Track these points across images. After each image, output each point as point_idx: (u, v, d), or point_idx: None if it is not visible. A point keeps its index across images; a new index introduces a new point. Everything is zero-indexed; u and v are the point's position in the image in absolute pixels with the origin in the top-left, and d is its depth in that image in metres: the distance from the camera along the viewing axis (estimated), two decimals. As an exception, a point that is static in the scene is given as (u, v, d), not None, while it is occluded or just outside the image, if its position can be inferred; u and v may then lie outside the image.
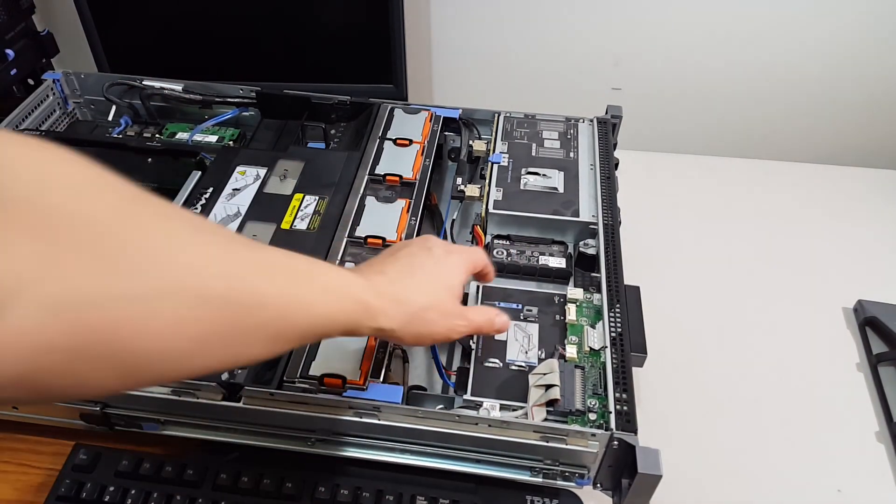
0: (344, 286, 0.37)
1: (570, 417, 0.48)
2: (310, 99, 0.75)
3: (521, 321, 0.55)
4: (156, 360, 0.27)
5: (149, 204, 0.29)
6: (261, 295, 0.31)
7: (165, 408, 0.51)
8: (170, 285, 0.27)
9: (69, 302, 0.24)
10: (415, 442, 0.49)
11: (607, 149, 0.70)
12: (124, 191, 0.28)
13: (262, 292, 0.31)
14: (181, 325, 0.27)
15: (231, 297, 0.30)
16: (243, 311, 0.30)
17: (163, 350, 0.27)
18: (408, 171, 0.67)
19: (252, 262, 0.32)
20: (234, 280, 0.30)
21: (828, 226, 0.83)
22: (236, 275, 0.30)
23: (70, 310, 0.24)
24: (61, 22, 0.96)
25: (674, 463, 0.46)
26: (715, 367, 0.67)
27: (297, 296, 0.34)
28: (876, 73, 0.98)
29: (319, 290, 0.35)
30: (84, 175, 0.27)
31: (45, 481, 0.54)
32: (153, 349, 0.27)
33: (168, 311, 0.27)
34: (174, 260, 0.28)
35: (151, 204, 0.29)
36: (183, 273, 0.28)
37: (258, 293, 0.31)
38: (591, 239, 0.61)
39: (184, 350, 0.28)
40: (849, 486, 0.58)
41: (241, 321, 0.30)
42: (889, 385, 0.65)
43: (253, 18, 0.86)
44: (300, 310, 0.34)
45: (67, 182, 0.26)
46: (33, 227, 0.23)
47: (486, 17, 0.98)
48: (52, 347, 0.24)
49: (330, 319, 0.36)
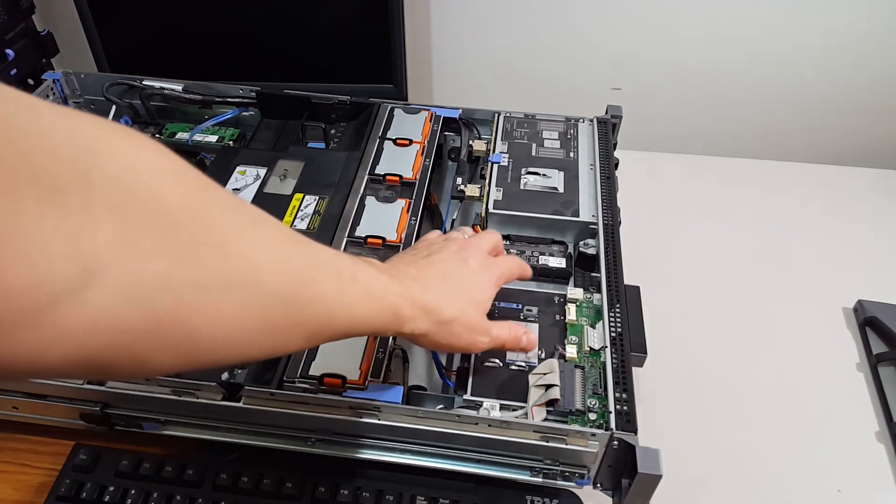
0: (384, 293, 0.39)
1: (570, 417, 0.48)
2: (310, 99, 0.75)
3: (521, 321, 0.55)
4: (216, 346, 0.29)
5: (221, 196, 0.30)
6: (314, 294, 0.33)
7: (165, 408, 0.51)
8: (237, 277, 0.28)
9: (146, 287, 0.24)
10: (415, 442, 0.49)
11: (607, 149, 0.70)
12: (200, 181, 0.29)
13: (315, 291, 0.33)
14: (242, 315, 0.29)
15: (288, 293, 0.31)
16: (296, 307, 0.32)
17: (222, 338, 0.29)
18: (408, 171, 0.67)
19: (308, 260, 0.33)
20: (293, 277, 0.32)
21: (828, 226, 0.83)
22: (295, 272, 0.32)
23: (146, 294, 0.24)
24: (61, 22, 0.96)
25: (674, 463, 0.46)
26: (715, 366, 0.67)
27: (343, 298, 0.35)
28: (876, 73, 0.98)
29: (363, 294, 0.37)
30: (166, 162, 0.27)
31: (45, 481, 0.54)
32: (215, 336, 0.28)
33: (233, 301, 0.28)
34: (243, 253, 0.29)
35: (223, 196, 0.30)
36: (249, 266, 0.29)
37: (311, 292, 0.33)
38: (591, 239, 0.61)
39: (239, 339, 0.30)
40: (849, 487, 0.58)
41: (292, 316, 0.32)
42: (889, 385, 0.65)
43: (253, 18, 0.86)
44: (343, 311, 0.35)
45: (151, 168, 0.26)
46: (117, 209, 0.23)
47: (486, 17, 0.98)
48: (125, 329, 0.24)
49: (365, 322, 0.37)
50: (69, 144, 0.23)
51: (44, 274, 0.21)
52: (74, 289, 0.22)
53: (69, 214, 0.21)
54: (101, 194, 0.23)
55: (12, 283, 0.20)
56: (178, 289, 0.26)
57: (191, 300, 0.26)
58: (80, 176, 0.22)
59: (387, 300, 0.39)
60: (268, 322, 0.31)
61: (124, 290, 0.23)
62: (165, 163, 0.27)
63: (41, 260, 0.20)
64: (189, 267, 0.26)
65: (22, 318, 0.21)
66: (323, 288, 0.34)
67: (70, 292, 0.22)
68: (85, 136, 0.24)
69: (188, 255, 0.26)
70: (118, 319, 0.24)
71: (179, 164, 0.28)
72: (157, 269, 0.25)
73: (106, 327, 0.23)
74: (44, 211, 0.21)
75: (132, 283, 0.24)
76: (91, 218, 0.22)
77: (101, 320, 0.23)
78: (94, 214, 0.22)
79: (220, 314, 0.28)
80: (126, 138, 0.26)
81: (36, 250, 0.20)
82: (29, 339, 0.21)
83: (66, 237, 0.21)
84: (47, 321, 0.21)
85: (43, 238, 0.20)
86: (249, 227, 0.30)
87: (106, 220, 0.23)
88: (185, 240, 0.26)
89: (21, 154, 0.20)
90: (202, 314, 0.27)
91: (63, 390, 0.51)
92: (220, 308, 0.28)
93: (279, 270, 0.31)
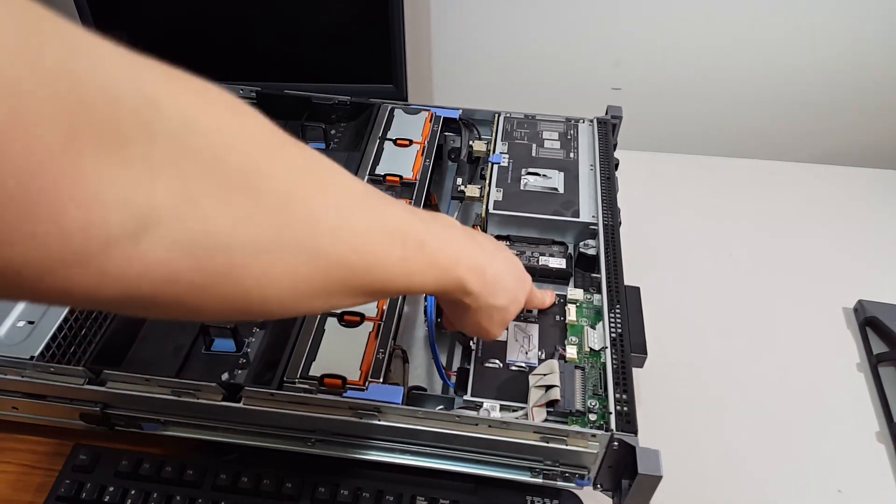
0: (452, 262, 0.38)
1: (571, 418, 0.48)
2: (310, 99, 0.75)
3: (521, 322, 0.55)
4: (268, 304, 0.29)
5: (293, 156, 0.29)
6: (374, 261, 0.33)
7: (165, 408, 0.51)
8: (295, 242, 0.28)
9: (200, 244, 0.25)
10: (415, 442, 0.49)
11: (607, 149, 0.70)
12: (274, 140, 0.28)
13: (376, 259, 0.33)
14: (297, 279, 0.29)
15: (348, 260, 0.31)
16: (354, 273, 0.32)
17: (275, 297, 0.29)
18: (408, 172, 0.67)
19: (373, 225, 0.33)
20: (354, 244, 0.31)
21: (828, 226, 0.83)
22: (357, 239, 0.31)
23: (199, 251, 0.25)
24: (61, 22, 0.96)
25: (674, 463, 0.46)
26: (715, 367, 0.67)
27: (405, 266, 0.35)
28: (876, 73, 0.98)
29: (427, 263, 0.36)
30: (234, 120, 0.27)
31: (44, 481, 0.54)
32: (267, 297, 0.28)
33: (288, 265, 0.28)
34: (304, 218, 0.29)
35: (295, 156, 0.29)
36: (309, 231, 0.29)
37: (372, 259, 0.32)
38: (591, 239, 0.61)
39: (292, 299, 0.30)
40: (849, 487, 0.58)
41: (349, 282, 0.32)
42: (889, 385, 0.65)
43: (253, 18, 0.86)
44: (403, 278, 0.35)
45: (217, 125, 0.26)
46: (177, 164, 0.23)
47: (486, 17, 0.98)
48: (176, 281, 0.25)
49: (425, 288, 0.38)
50: (132, 95, 0.22)
51: (97, 220, 0.21)
52: (127, 237, 0.22)
53: (128, 165, 0.22)
54: (161, 148, 0.23)
55: (68, 226, 0.20)
56: (232, 249, 0.26)
57: (245, 261, 0.26)
58: (141, 128, 0.22)
59: (455, 272, 0.38)
60: (323, 286, 0.30)
61: (177, 245, 0.24)
62: (233, 120, 0.27)
63: (96, 207, 0.21)
64: (246, 229, 0.26)
65: (74, 259, 0.21)
66: (385, 256, 0.33)
67: (122, 240, 0.22)
68: (149, 87, 0.23)
69: (246, 218, 0.26)
70: (168, 271, 0.24)
71: (252, 123, 0.27)
72: (213, 227, 0.25)
73: (156, 277, 0.24)
74: (102, 160, 0.21)
75: (186, 238, 0.24)
76: (150, 170, 0.22)
77: (151, 270, 0.24)
78: (153, 167, 0.22)
79: (274, 277, 0.28)
80: (194, 92, 0.25)
81: (92, 197, 0.21)
82: (81, 278, 0.22)
83: (124, 187, 0.21)
84: (97, 264, 0.22)
85: (100, 186, 0.21)
86: (316, 190, 0.30)
87: (165, 174, 0.23)
88: (243, 201, 0.26)
89: (82, 102, 0.20)
90: (256, 275, 0.27)
91: (63, 391, 0.51)
92: (275, 271, 0.28)
93: (340, 237, 0.30)
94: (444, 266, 0.38)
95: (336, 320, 0.54)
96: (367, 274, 0.32)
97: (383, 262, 0.33)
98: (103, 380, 0.50)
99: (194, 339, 0.57)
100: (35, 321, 0.54)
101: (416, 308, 0.64)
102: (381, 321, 0.54)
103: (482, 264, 0.41)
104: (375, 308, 0.54)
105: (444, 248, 0.38)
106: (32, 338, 0.52)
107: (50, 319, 0.54)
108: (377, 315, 0.54)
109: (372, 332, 0.53)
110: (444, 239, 0.38)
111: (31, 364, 0.51)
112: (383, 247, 0.33)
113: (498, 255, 0.44)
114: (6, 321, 0.54)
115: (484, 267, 0.41)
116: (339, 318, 0.54)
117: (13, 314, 0.54)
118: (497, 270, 0.43)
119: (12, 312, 0.54)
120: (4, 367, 0.51)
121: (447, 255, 0.38)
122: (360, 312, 0.54)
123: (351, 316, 0.54)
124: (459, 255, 0.39)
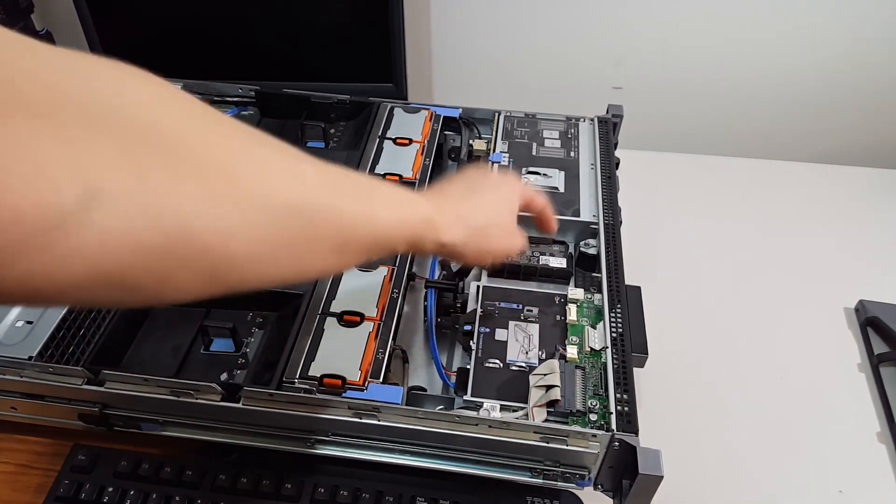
0: (411, 204, 0.40)
1: (571, 418, 0.48)
2: (309, 98, 0.75)
3: (522, 321, 0.55)
4: (236, 263, 0.29)
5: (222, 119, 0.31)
6: (330, 206, 0.33)
7: (164, 408, 0.51)
8: (243, 192, 0.29)
9: (151, 206, 0.25)
10: (415, 443, 0.49)
11: (608, 148, 0.70)
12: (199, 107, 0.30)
13: (331, 204, 0.33)
14: (255, 231, 0.29)
15: (302, 206, 0.32)
16: (313, 220, 0.32)
17: (241, 254, 0.29)
18: (408, 171, 0.66)
19: (321, 176, 0.34)
20: (305, 191, 0.32)
21: (828, 226, 0.83)
22: (307, 186, 0.32)
23: (152, 213, 0.25)
24: (60, 22, 0.96)
25: (675, 464, 0.46)
26: (716, 367, 0.67)
27: (363, 209, 0.35)
28: (876, 73, 0.97)
29: (387, 205, 0.38)
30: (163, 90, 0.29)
31: (44, 482, 0.54)
32: (232, 253, 0.29)
33: (243, 216, 0.29)
34: (248, 171, 0.30)
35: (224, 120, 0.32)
36: (256, 182, 0.30)
37: (327, 204, 0.33)
38: (591, 239, 0.61)
39: (258, 256, 0.30)
40: (850, 487, 0.58)
41: (311, 231, 0.32)
42: (890, 385, 0.65)
43: (252, 17, 0.86)
44: (366, 222, 0.36)
45: (148, 97, 0.27)
46: (116, 136, 0.25)
47: (486, 16, 0.98)
48: (136, 248, 0.25)
49: (394, 232, 0.38)
50: (66, 79, 0.24)
51: (47, 196, 0.22)
52: (80, 210, 0.23)
53: (70, 142, 0.23)
54: (99, 123, 0.24)
55: (18, 205, 0.21)
56: (183, 206, 0.26)
57: (199, 217, 0.27)
58: (78, 107, 0.24)
59: (413, 210, 0.39)
60: (284, 237, 0.31)
61: (129, 210, 0.24)
62: (162, 91, 0.29)
63: (44, 184, 0.22)
64: (193, 185, 0.27)
65: (32, 240, 0.22)
66: (340, 201, 0.34)
67: (75, 213, 0.23)
68: (82, 70, 0.25)
69: (191, 175, 0.27)
70: (127, 238, 0.25)
71: (175, 93, 0.29)
72: (161, 189, 0.26)
73: (116, 246, 0.24)
74: (43, 138, 0.22)
75: (136, 202, 0.25)
76: (91, 144, 0.24)
77: (109, 239, 0.24)
78: (93, 140, 0.24)
79: (231, 230, 0.28)
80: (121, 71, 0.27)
81: (37, 174, 0.22)
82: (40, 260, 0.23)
83: (68, 162, 0.23)
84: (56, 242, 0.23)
85: (44, 164, 0.22)
86: (254, 146, 0.31)
87: (106, 146, 0.24)
88: (186, 160, 0.27)
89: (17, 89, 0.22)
90: (212, 230, 0.27)
91: (61, 391, 0.51)
92: (231, 224, 0.28)
93: (288, 185, 0.31)
94: (404, 207, 0.39)
95: (336, 320, 0.53)
96: (327, 220, 0.33)
97: (340, 208, 0.34)
98: (102, 380, 0.50)
99: (193, 339, 0.57)
100: (33, 321, 0.53)
101: (416, 308, 0.64)
102: (381, 321, 0.54)
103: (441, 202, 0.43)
104: (375, 308, 0.54)
105: (397, 193, 0.39)
106: (31, 338, 0.52)
107: (48, 319, 0.53)
108: (377, 315, 0.54)
109: (371, 332, 0.53)
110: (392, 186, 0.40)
111: (30, 364, 0.50)
112: (336, 193, 0.34)
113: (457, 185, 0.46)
114: (4, 321, 0.53)
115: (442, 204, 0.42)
116: (339, 317, 0.54)
117: (12, 314, 0.54)
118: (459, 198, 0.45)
119: (11, 312, 0.54)
120: (3, 367, 0.51)
121: (404, 197, 0.40)
122: (360, 312, 0.54)
123: (351, 316, 0.54)
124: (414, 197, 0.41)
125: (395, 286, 0.56)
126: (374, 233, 0.36)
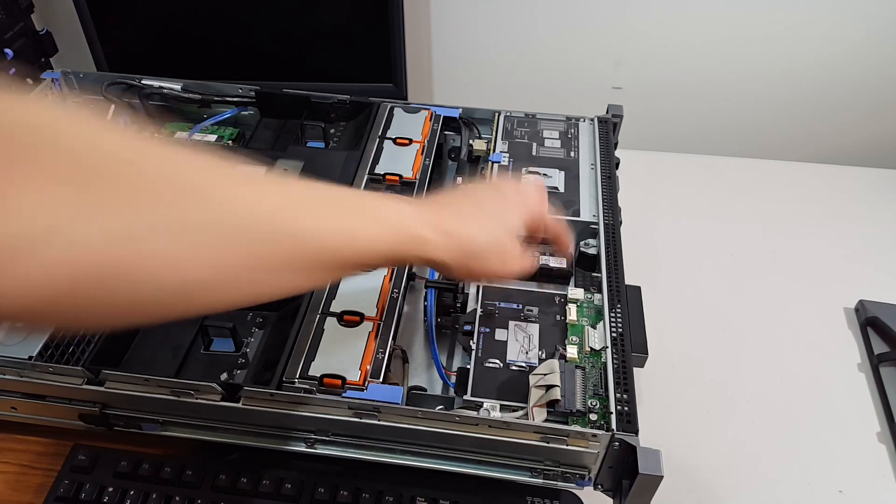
0: (398, 218, 0.38)
1: (571, 418, 0.48)
2: (309, 98, 0.75)
3: (522, 321, 0.55)
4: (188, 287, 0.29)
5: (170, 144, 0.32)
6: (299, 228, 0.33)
7: (164, 408, 0.51)
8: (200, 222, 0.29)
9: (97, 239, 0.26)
10: (415, 443, 0.49)
11: (608, 148, 0.70)
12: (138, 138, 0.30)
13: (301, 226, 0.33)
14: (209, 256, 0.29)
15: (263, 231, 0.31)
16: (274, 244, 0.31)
17: (195, 280, 0.29)
18: (408, 171, 0.66)
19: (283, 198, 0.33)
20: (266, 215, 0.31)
21: (828, 226, 0.83)
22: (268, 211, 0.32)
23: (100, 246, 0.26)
24: (60, 21, 0.96)
25: (675, 464, 0.46)
26: (716, 367, 0.67)
27: (333, 227, 0.34)
28: (876, 73, 0.97)
29: (361, 220, 0.36)
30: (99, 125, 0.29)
31: (44, 482, 0.54)
32: (186, 279, 0.29)
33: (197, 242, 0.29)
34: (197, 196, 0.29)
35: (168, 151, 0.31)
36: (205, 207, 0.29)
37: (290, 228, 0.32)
38: (591, 239, 0.61)
39: (215, 280, 0.30)
40: (850, 487, 0.58)
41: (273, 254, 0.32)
42: (890, 385, 0.65)
43: (252, 17, 0.86)
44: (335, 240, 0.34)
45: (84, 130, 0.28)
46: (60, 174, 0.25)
47: (486, 16, 0.98)
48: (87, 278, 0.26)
49: (372, 249, 0.36)
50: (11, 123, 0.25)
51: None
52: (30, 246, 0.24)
53: (14, 184, 0.24)
54: (41, 163, 0.25)
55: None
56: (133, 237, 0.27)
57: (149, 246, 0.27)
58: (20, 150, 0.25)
59: (401, 225, 0.38)
60: (243, 261, 0.30)
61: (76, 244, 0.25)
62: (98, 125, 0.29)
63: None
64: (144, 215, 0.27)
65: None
66: (303, 223, 0.33)
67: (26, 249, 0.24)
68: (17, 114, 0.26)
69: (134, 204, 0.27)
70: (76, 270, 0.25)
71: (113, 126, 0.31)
72: (106, 221, 0.26)
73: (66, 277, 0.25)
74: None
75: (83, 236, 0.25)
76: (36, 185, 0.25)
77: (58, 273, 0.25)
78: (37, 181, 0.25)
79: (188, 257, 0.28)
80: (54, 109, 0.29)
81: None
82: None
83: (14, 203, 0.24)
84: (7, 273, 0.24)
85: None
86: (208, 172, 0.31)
87: (50, 185, 0.25)
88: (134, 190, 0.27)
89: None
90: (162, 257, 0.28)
91: (61, 391, 0.51)
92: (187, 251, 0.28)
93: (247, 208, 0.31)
94: (391, 222, 0.37)
95: (336, 320, 0.53)
96: (297, 242, 0.32)
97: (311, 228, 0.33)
98: (102, 380, 0.50)
99: (193, 339, 0.57)
100: (33, 321, 0.53)
101: (416, 308, 0.64)
102: (381, 321, 0.54)
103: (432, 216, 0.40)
104: (375, 308, 0.54)
105: (384, 206, 0.38)
106: (31, 338, 0.52)
107: (48, 319, 0.53)
108: (377, 315, 0.54)
109: (371, 332, 0.53)
110: (382, 199, 0.38)
111: (30, 364, 0.50)
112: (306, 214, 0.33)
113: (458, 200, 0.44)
114: (4, 321, 0.54)
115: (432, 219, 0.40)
116: (339, 317, 0.54)
117: (12, 314, 0.54)
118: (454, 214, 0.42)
119: (11, 312, 0.54)
120: (3, 367, 0.51)
121: (391, 211, 0.38)
122: (360, 312, 0.54)
123: (350, 316, 0.54)
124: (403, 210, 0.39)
125: (395, 286, 0.56)
126: (349, 250, 0.35)
